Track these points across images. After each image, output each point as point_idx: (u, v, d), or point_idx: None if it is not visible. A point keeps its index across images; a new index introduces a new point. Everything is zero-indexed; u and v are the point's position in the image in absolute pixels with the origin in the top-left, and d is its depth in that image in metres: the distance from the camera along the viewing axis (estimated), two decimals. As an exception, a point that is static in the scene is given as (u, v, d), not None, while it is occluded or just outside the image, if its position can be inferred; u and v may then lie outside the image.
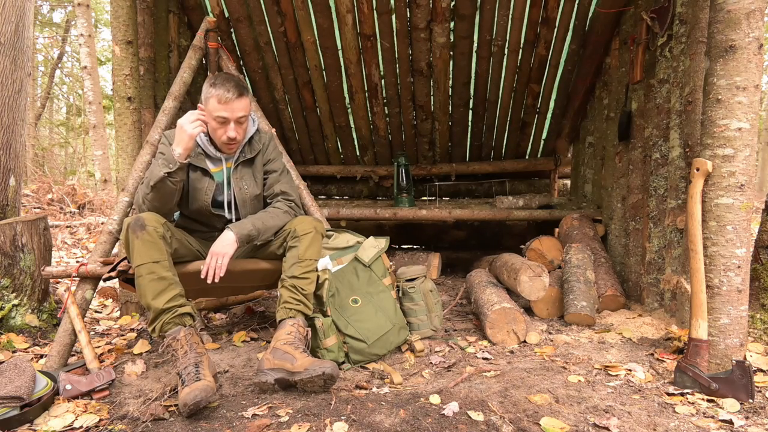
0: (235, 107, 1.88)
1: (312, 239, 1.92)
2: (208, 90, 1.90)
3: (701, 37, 2.10)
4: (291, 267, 1.89)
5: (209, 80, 1.93)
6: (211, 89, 1.89)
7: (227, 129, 1.91)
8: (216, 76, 1.94)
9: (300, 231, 1.93)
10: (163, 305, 1.72)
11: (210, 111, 1.90)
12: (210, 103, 1.89)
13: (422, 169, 4.11)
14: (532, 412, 1.51)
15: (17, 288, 2.31)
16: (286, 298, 1.86)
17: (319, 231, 1.96)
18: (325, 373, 1.63)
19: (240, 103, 1.89)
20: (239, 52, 3.33)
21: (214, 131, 1.93)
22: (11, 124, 2.55)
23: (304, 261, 1.89)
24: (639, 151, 2.71)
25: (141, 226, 1.74)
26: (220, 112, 1.87)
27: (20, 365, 1.61)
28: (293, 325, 1.81)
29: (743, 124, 1.68)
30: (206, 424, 1.49)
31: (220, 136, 1.93)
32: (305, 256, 1.89)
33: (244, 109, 1.91)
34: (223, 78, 1.91)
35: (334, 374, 1.65)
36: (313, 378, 1.63)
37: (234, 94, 1.87)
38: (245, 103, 1.92)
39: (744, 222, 1.71)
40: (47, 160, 9.90)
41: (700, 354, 1.70)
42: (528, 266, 2.43)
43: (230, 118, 1.89)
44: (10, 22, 2.52)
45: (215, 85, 1.88)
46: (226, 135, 1.91)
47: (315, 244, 1.94)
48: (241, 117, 1.92)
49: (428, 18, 2.97)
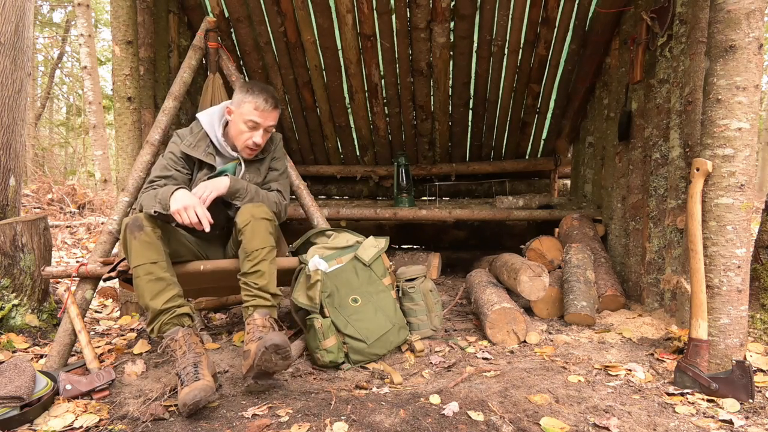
0: (268, 117, 2.00)
1: (252, 228, 1.85)
2: (243, 95, 1.99)
3: (701, 37, 2.10)
4: (242, 263, 1.86)
5: (245, 86, 2.01)
6: (247, 95, 1.98)
7: (254, 134, 1.99)
8: (252, 84, 2.03)
9: (240, 223, 1.87)
10: (161, 306, 1.72)
11: (242, 114, 1.98)
12: (245, 107, 1.97)
13: (422, 169, 4.11)
14: (532, 412, 1.51)
15: (17, 288, 2.31)
16: (243, 297, 1.85)
17: (257, 217, 1.86)
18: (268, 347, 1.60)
19: (273, 113, 2.02)
20: (239, 52, 3.33)
21: (240, 134, 2.00)
22: (11, 124, 2.55)
23: (251, 253, 1.83)
24: (639, 151, 2.71)
25: (139, 226, 1.74)
26: (254, 116, 1.96)
27: (20, 365, 1.61)
28: (249, 323, 1.80)
29: (743, 124, 1.68)
30: (206, 424, 1.49)
31: (245, 140, 2.00)
32: (250, 248, 1.83)
33: (274, 119, 2.03)
34: (261, 87, 2.01)
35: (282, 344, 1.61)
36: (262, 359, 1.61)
37: (271, 105, 1.99)
38: (276, 115, 2.04)
39: (744, 222, 1.71)
40: (47, 160, 9.90)
41: (700, 354, 1.70)
42: (528, 266, 2.43)
43: (261, 125, 1.99)
44: (10, 22, 2.52)
45: (252, 92, 1.97)
46: (252, 140, 2.00)
47: (257, 232, 1.85)
48: (270, 126, 2.03)
49: (428, 18, 2.97)
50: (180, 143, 2.04)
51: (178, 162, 2.01)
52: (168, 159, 2.02)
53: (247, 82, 2.11)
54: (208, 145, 2.05)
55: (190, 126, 2.11)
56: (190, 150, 2.01)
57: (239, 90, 2.02)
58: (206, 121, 2.07)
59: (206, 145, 2.05)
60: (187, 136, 2.06)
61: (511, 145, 3.94)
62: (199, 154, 2.01)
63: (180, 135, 2.07)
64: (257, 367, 1.64)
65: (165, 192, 1.81)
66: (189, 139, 2.05)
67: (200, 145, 2.04)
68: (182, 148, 2.01)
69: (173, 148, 2.04)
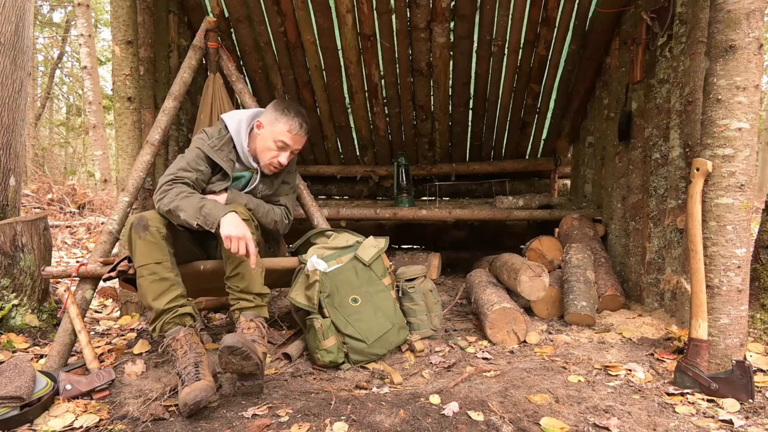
0: (298, 141, 2.05)
1: None
2: (278, 115, 2.01)
3: (701, 37, 2.10)
4: (225, 268, 1.85)
5: (280, 106, 2.04)
6: (282, 116, 2.00)
7: (281, 155, 2.03)
8: (288, 105, 2.06)
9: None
10: (164, 306, 1.72)
11: (274, 133, 2.01)
12: (278, 127, 2.00)
13: (422, 169, 4.11)
14: (532, 412, 1.51)
15: (17, 288, 2.31)
16: (229, 301, 1.87)
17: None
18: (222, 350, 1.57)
19: (304, 138, 2.07)
20: (239, 52, 3.33)
21: (266, 151, 2.03)
22: (11, 124, 2.55)
23: (229, 257, 1.81)
24: (639, 151, 2.71)
25: (144, 226, 1.74)
26: (285, 138, 2.00)
27: (20, 365, 1.61)
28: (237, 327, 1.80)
29: (743, 124, 1.68)
30: (206, 424, 1.49)
31: (270, 158, 2.03)
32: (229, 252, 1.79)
33: (302, 143, 2.09)
34: (296, 110, 2.03)
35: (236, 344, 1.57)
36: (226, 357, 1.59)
37: (304, 131, 2.04)
38: (305, 140, 2.10)
39: (744, 222, 1.71)
40: (47, 160, 9.90)
41: (700, 354, 1.70)
42: (528, 266, 2.43)
43: (290, 148, 2.04)
44: (10, 22, 2.52)
45: (287, 114, 2.00)
46: (278, 159, 2.03)
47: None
48: (298, 149, 2.09)
49: (428, 18, 2.97)
50: (207, 141, 2.02)
51: (205, 160, 1.99)
52: (195, 155, 1.98)
53: (282, 101, 2.10)
54: (230, 151, 2.04)
55: (219, 127, 2.09)
56: (213, 153, 2.00)
57: (274, 108, 2.04)
58: (234, 127, 2.06)
59: (229, 150, 2.04)
60: (215, 137, 2.04)
61: (511, 145, 3.94)
62: (220, 159, 2.00)
63: (208, 134, 2.05)
64: (224, 370, 1.64)
65: (214, 210, 1.73)
66: (215, 141, 2.03)
67: (224, 149, 2.03)
68: (206, 149, 1.99)
69: (201, 144, 2.01)
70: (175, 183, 1.87)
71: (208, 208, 1.75)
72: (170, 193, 1.83)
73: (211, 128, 2.10)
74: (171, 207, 1.78)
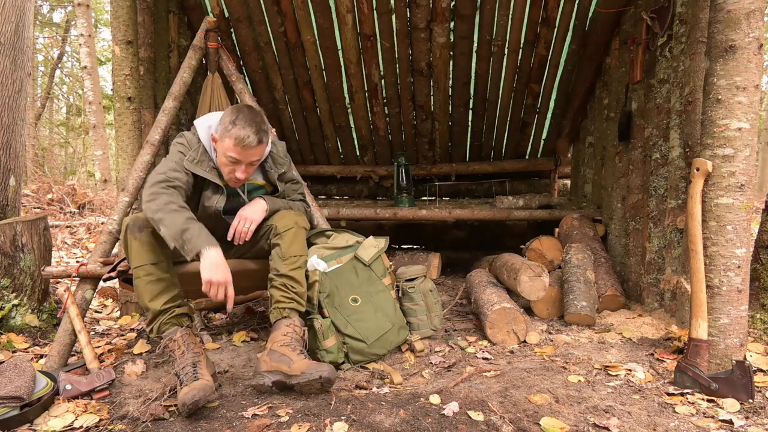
0: (251, 153, 1.80)
1: (294, 235, 1.88)
2: (226, 126, 1.77)
3: (701, 37, 2.10)
4: (277, 264, 1.86)
5: (231, 114, 1.80)
6: (230, 127, 1.76)
7: (236, 169, 1.83)
8: (238, 112, 1.80)
9: (281, 227, 1.89)
10: (161, 306, 1.72)
11: (223, 148, 1.80)
12: (225, 141, 1.78)
13: (422, 169, 4.11)
14: (532, 412, 1.51)
15: (17, 288, 2.31)
16: (277, 297, 1.83)
17: (300, 225, 1.92)
18: (322, 377, 1.61)
19: (257, 150, 1.80)
20: (239, 52, 3.33)
21: (222, 165, 1.86)
22: (11, 124, 2.55)
23: (288, 258, 1.85)
24: (639, 151, 2.71)
25: (140, 227, 1.73)
26: (233, 153, 1.78)
27: (20, 365, 1.61)
28: (288, 325, 1.78)
29: (743, 124, 1.68)
30: (206, 424, 1.49)
31: (227, 173, 1.86)
32: (289, 253, 1.85)
33: (259, 154, 1.83)
34: (245, 119, 1.78)
35: (332, 377, 1.63)
36: (311, 381, 1.62)
37: (254, 141, 1.77)
38: (262, 149, 1.84)
39: (744, 222, 1.71)
40: (47, 160, 9.90)
41: (700, 354, 1.70)
42: (528, 266, 2.43)
43: (243, 162, 1.81)
44: (10, 22, 2.52)
45: (235, 124, 1.76)
46: (234, 175, 1.84)
47: (298, 240, 1.89)
48: (255, 161, 1.85)
49: (428, 18, 2.97)
50: (186, 153, 1.89)
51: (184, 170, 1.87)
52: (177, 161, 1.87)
53: (235, 109, 1.82)
54: (210, 160, 1.91)
55: (191, 136, 1.94)
56: (194, 167, 1.86)
57: (225, 117, 1.80)
58: (204, 138, 1.91)
59: (208, 160, 1.91)
60: (193, 147, 1.90)
61: (511, 145, 3.94)
62: (203, 172, 1.88)
63: (187, 143, 1.90)
64: (298, 386, 1.65)
65: (197, 240, 1.62)
66: (192, 153, 1.89)
67: (203, 160, 1.89)
68: (186, 164, 1.86)
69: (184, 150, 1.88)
70: (167, 187, 1.76)
71: (190, 233, 1.63)
72: (159, 199, 1.71)
73: (189, 134, 1.94)
74: (155, 217, 1.67)
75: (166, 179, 1.78)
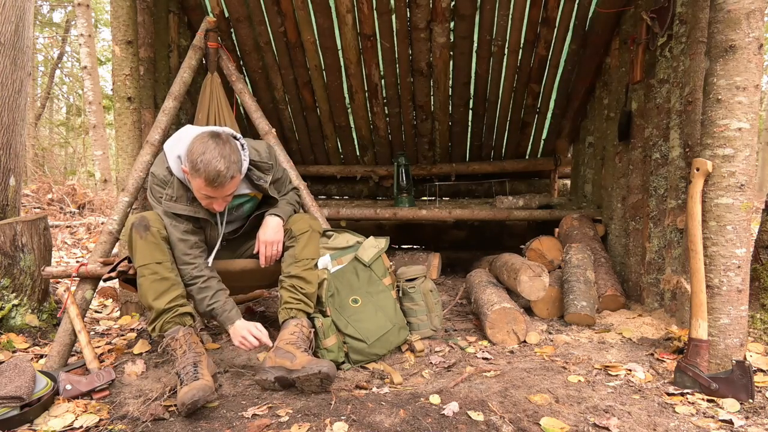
0: (224, 190, 1.65)
1: (309, 238, 1.94)
2: (195, 164, 1.60)
3: (701, 37, 2.10)
4: (289, 267, 1.90)
5: (197, 149, 1.61)
6: (198, 165, 1.59)
7: (213, 203, 1.72)
8: (205, 147, 1.60)
9: (296, 230, 1.94)
10: (164, 305, 1.73)
11: (195, 185, 1.67)
12: (196, 180, 1.63)
13: (422, 169, 4.11)
14: (532, 412, 1.51)
15: (17, 288, 2.31)
16: (286, 298, 1.87)
17: (315, 229, 1.98)
18: (321, 372, 1.63)
19: (231, 184, 1.66)
20: (239, 52, 3.33)
21: (198, 198, 1.73)
22: (11, 124, 2.55)
23: (301, 260, 1.90)
24: (639, 151, 2.71)
25: (145, 227, 1.74)
26: (205, 192, 1.66)
27: (20, 365, 1.61)
28: (296, 325, 1.83)
29: (743, 124, 1.68)
30: (206, 424, 1.49)
31: (204, 204, 1.75)
32: (302, 256, 1.91)
33: (234, 187, 1.69)
34: (213, 154, 1.59)
35: (331, 373, 1.65)
36: (310, 376, 1.64)
37: (226, 179, 1.61)
38: (235, 183, 1.68)
39: (744, 222, 1.71)
40: (47, 160, 9.90)
41: (700, 354, 1.70)
42: (528, 266, 2.43)
43: (218, 197, 1.69)
44: (10, 22, 2.52)
45: (203, 162, 1.58)
46: (212, 207, 1.74)
47: (312, 243, 1.95)
48: (231, 194, 1.72)
49: (428, 18, 2.97)
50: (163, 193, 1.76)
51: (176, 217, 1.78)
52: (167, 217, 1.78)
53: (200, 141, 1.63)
54: (188, 191, 1.76)
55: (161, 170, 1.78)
56: (173, 206, 1.76)
57: (192, 151, 1.61)
58: (176, 169, 1.75)
59: (186, 192, 1.77)
60: (167, 188, 1.76)
61: (511, 145, 3.94)
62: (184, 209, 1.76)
63: (160, 182, 1.77)
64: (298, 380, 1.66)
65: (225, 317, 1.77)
66: (168, 191, 1.76)
67: (180, 195, 1.76)
68: (167, 207, 1.75)
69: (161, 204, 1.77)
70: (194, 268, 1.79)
71: (220, 312, 1.78)
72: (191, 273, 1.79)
73: (157, 170, 1.78)
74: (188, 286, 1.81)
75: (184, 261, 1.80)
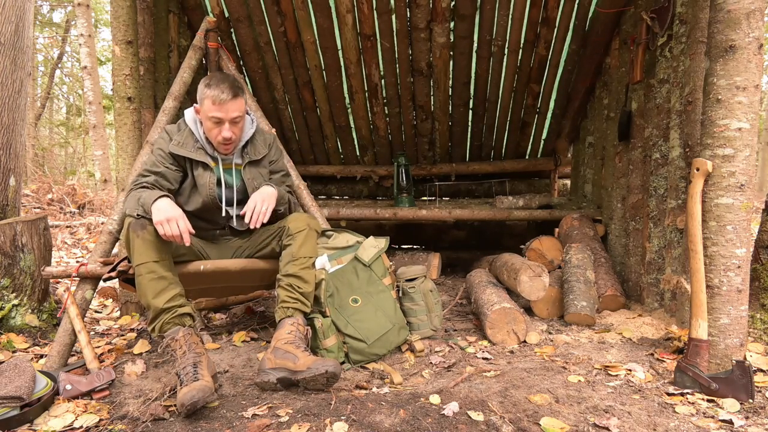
0: (229, 108, 1.88)
1: (306, 236, 1.93)
2: (202, 90, 1.90)
3: (701, 37, 2.10)
4: (286, 265, 1.90)
5: (204, 80, 1.93)
6: (205, 90, 1.88)
7: (222, 129, 1.91)
8: (211, 77, 1.94)
9: (293, 229, 1.94)
10: (163, 305, 1.72)
11: (205, 112, 1.90)
12: (204, 104, 1.89)
13: (422, 169, 4.11)
14: (532, 412, 1.51)
15: (17, 288, 2.31)
16: (283, 297, 1.87)
17: (312, 228, 1.97)
18: (328, 372, 1.63)
19: (234, 104, 1.88)
20: (239, 52, 3.33)
21: (209, 131, 1.93)
22: (11, 124, 2.54)
23: (298, 259, 1.89)
24: (639, 151, 2.71)
25: (142, 225, 1.74)
26: (214, 113, 1.87)
27: (20, 365, 1.61)
28: (293, 324, 1.81)
29: (743, 124, 1.68)
30: (206, 424, 1.49)
31: (215, 136, 1.93)
32: (299, 254, 1.90)
33: (238, 109, 1.91)
34: (218, 78, 1.90)
35: (337, 372, 1.65)
36: (316, 377, 1.63)
37: (229, 95, 1.86)
38: (240, 104, 1.91)
39: (744, 222, 1.71)
40: (47, 160, 9.90)
41: (700, 354, 1.70)
42: (528, 266, 2.43)
43: (225, 119, 1.89)
44: (10, 22, 2.52)
45: (210, 86, 1.88)
46: (221, 135, 1.91)
47: (309, 242, 1.94)
48: (236, 117, 1.91)
49: (428, 18, 2.97)
50: (168, 142, 1.98)
51: (167, 159, 1.96)
52: (157, 155, 1.97)
53: (208, 75, 1.98)
54: (196, 141, 1.98)
55: (178, 123, 2.05)
56: (178, 149, 1.95)
57: (200, 85, 1.93)
58: (190, 118, 2.01)
59: (194, 141, 1.98)
60: (175, 134, 2.00)
61: (511, 145, 3.94)
62: (188, 152, 1.96)
63: (168, 131, 2.01)
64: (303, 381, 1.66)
65: (147, 198, 1.78)
66: (177, 137, 1.98)
67: (188, 142, 1.98)
68: (171, 148, 1.95)
69: (162, 144, 1.98)
70: (133, 189, 1.89)
71: (144, 198, 1.79)
72: (127, 199, 1.89)
73: (171, 126, 2.05)
74: (127, 212, 1.84)
75: (139, 176, 1.93)
